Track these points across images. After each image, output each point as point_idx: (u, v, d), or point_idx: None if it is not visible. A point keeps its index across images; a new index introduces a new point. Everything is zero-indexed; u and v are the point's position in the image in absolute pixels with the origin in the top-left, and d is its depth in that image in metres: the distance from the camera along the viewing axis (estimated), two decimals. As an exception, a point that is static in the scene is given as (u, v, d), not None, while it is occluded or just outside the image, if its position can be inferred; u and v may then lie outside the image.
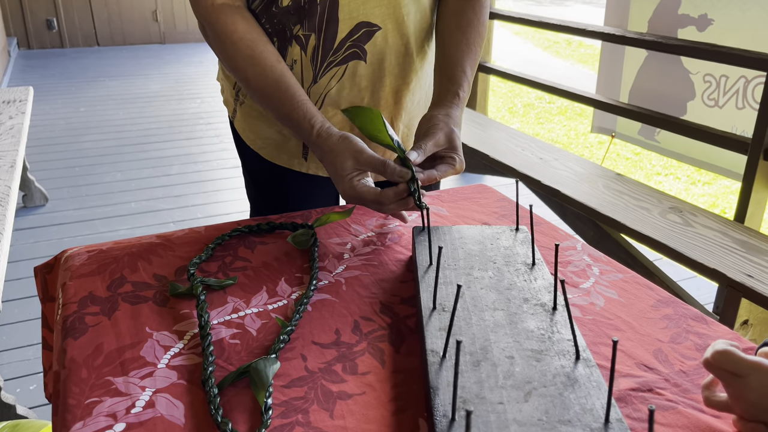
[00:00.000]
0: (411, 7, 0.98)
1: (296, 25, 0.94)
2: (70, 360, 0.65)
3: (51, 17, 6.56)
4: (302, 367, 0.65)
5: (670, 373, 0.66)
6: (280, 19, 0.95)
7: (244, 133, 1.12)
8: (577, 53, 7.95)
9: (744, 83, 2.19)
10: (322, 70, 0.98)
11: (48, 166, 3.51)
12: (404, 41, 1.00)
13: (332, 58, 0.97)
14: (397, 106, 1.07)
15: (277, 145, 1.09)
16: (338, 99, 1.01)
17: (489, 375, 0.59)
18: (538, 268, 0.79)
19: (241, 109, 1.10)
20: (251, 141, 1.11)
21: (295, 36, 0.96)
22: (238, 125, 1.12)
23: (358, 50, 0.97)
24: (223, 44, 0.92)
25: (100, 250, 0.88)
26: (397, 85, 1.04)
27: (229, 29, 0.91)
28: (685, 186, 3.88)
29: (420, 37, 1.03)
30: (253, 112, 1.08)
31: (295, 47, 0.97)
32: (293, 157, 1.09)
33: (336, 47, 0.96)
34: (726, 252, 1.72)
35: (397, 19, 0.97)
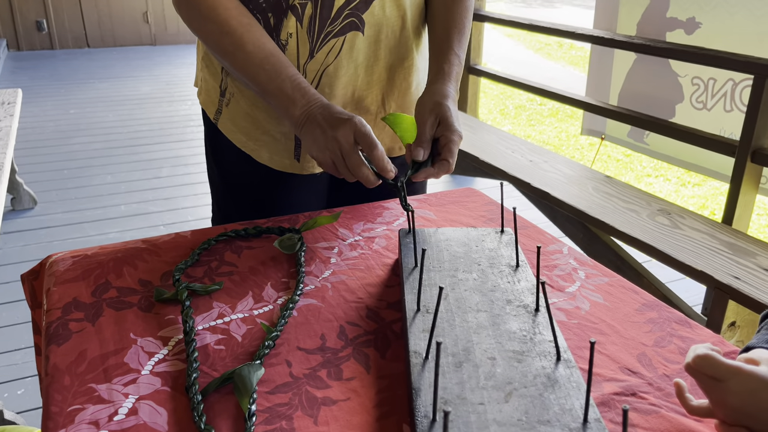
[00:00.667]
0: None
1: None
2: (53, 367, 0.65)
3: (41, 18, 6.52)
4: (287, 373, 0.65)
5: (653, 377, 0.66)
6: None
7: (233, 135, 1.08)
8: (569, 55, 7.99)
9: (732, 86, 2.20)
10: (320, 43, 0.96)
11: (37, 169, 3.49)
12: (401, 13, 1.00)
13: (330, 28, 0.95)
14: (390, 83, 1.05)
15: (268, 145, 1.07)
16: (335, 77, 0.99)
17: (470, 376, 0.59)
18: (521, 270, 0.79)
19: (228, 109, 1.07)
20: (242, 143, 1.07)
21: (291, 6, 0.93)
22: (224, 126, 1.09)
23: (356, 20, 0.96)
24: (216, 10, 0.89)
25: (85, 255, 0.87)
26: (392, 61, 1.03)
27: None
28: (675, 187, 3.91)
29: (415, 14, 1.02)
30: (241, 112, 1.05)
31: (291, 19, 0.94)
32: (285, 157, 1.07)
33: (333, 15, 0.94)
34: (713, 254, 1.73)
35: None
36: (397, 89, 1.07)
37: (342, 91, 1.01)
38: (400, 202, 0.88)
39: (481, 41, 3.35)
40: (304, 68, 0.98)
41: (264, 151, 1.07)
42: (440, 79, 0.96)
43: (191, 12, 0.92)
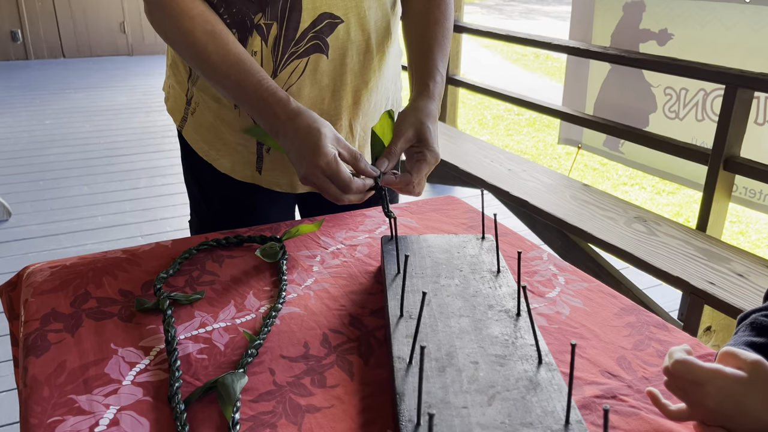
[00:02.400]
0: (372, 2, 0.98)
1: (257, 13, 0.93)
2: (32, 378, 0.64)
3: (15, 29, 6.44)
4: (270, 381, 0.65)
5: (633, 380, 0.67)
6: (240, 8, 0.92)
7: (196, 144, 1.08)
8: (545, 66, 8.10)
9: (703, 96, 2.26)
10: (283, 62, 0.96)
11: (11, 180, 3.44)
12: (365, 37, 1.00)
13: (294, 48, 0.95)
14: (356, 107, 1.05)
15: (230, 156, 1.06)
16: (298, 96, 0.99)
17: (454, 380, 0.59)
18: (503, 276, 0.80)
19: (193, 118, 1.06)
20: (204, 152, 1.07)
21: (257, 25, 0.93)
22: (188, 135, 1.08)
23: (320, 42, 0.96)
24: (180, 19, 0.88)
25: (64, 265, 0.86)
26: (358, 84, 1.03)
27: (188, 5, 0.88)
28: (651, 196, 3.97)
29: (380, 36, 1.03)
30: (205, 123, 1.05)
31: (256, 37, 0.94)
32: (246, 168, 1.07)
33: (298, 38, 0.95)
34: (689, 260, 1.76)
35: (359, 14, 0.97)
36: (362, 112, 1.07)
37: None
38: (382, 210, 0.89)
39: (459, 52, 3.39)
40: None
41: (225, 161, 1.07)
42: (426, 97, 0.97)
43: (161, 21, 0.91)
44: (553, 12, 14.20)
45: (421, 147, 0.93)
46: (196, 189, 1.16)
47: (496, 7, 15.12)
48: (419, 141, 0.93)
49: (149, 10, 0.92)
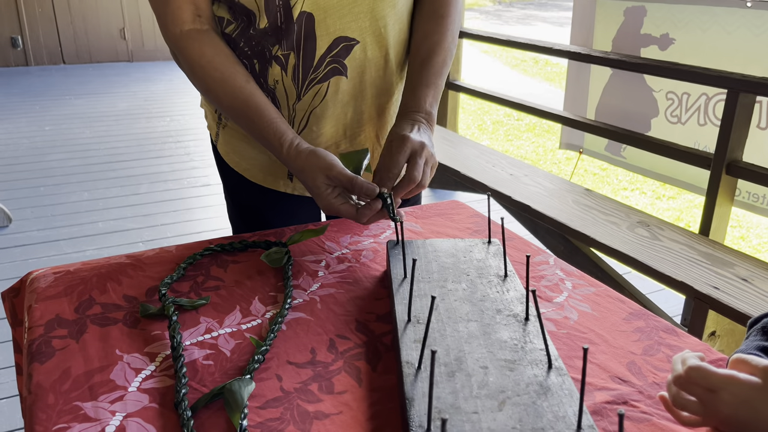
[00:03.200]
0: (389, 19, 0.98)
1: (275, 45, 0.94)
2: (36, 385, 0.63)
3: (15, 35, 6.45)
4: (277, 388, 0.64)
5: (643, 386, 0.66)
6: (259, 41, 0.94)
7: (228, 156, 1.11)
8: (544, 71, 8.11)
9: (705, 100, 2.26)
10: (305, 89, 0.98)
11: (12, 186, 3.43)
12: (383, 53, 1.00)
13: (313, 75, 0.97)
14: (381, 120, 1.07)
15: (261, 166, 1.08)
16: (323, 116, 1.01)
17: (463, 385, 0.59)
18: (510, 280, 0.79)
19: (224, 132, 1.09)
20: (235, 163, 1.10)
21: (275, 56, 0.95)
22: (221, 148, 1.12)
23: (338, 65, 0.97)
24: (193, 68, 0.93)
25: (68, 271, 0.85)
26: (380, 98, 1.04)
27: (197, 53, 0.92)
28: (651, 200, 3.97)
29: (399, 50, 1.03)
30: (237, 135, 1.08)
31: (276, 68, 0.96)
32: (278, 178, 1.09)
33: (316, 64, 0.96)
34: (692, 265, 1.75)
35: (375, 32, 0.97)
36: (388, 123, 1.08)
37: (330, 130, 1.03)
38: (387, 214, 0.88)
39: (459, 57, 3.39)
40: (293, 107, 1.00)
41: (257, 171, 1.09)
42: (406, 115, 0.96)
43: (180, 66, 0.97)
44: (551, 18, 14.25)
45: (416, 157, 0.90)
46: (230, 202, 1.19)
47: (495, 13, 15.18)
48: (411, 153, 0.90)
49: (171, 52, 0.97)
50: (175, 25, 0.91)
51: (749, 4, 2.11)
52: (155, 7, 0.93)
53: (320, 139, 1.03)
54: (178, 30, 0.91)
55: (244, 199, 1.15)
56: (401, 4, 0.99)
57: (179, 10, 0.90)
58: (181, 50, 0.93)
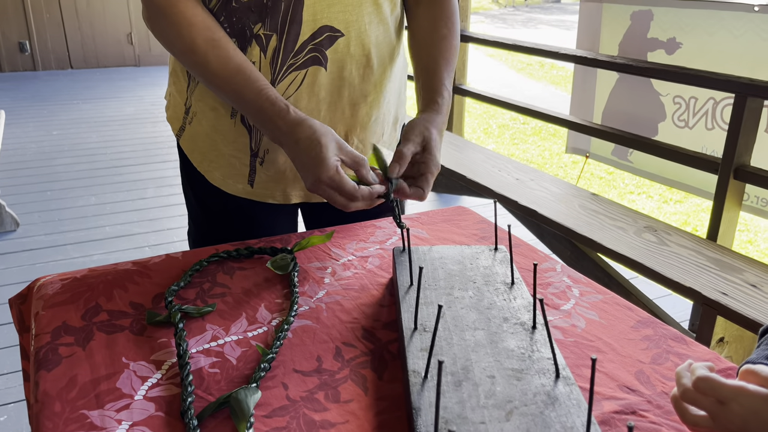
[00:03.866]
0: (373, 17, 0.98)
1: (257, 23, 0.92)
2: (43, 393, 0.63)
3: (23, 40, 6.49)
4: (284, 396, 0.64)
5: (652, 395, 0.66)
6: (240, 17, 0.92)
7: (191, 154, 1.07)
8: (550, 75, 8.11)
9: (713, 105, 2.25)
10: (281, 74, 0.96)
11: (19, 191, 3.45)
12: (365, 52, 0.99)
13: (292, 60, 0.95)
14: (354, 119, 1.05)
15: (222, 169, 1.05)
16: (296, 107, 0.97)
17: (470, 395, 0.58)
18: (517, 288, 0.79)
19: (190, 127, 1.06)
20: (198, 162, 1.07)
21: (256, 35, 0.93)
22: (185, 145, 1.08)
23: (319, 55, 0.95)
24: (180, 26, 0.88)
25: (75, 278, 0.86)
26: (356, 97, 1.02)
27: (189, 12, 0.88)
28: (658, 204, 3.95)
29: (381, 52, 1.02)
30: (202, 133, 1.05)
31: (255, 47, 0.94)
32: (237, 182, 1.06)
33: (297, 49, 0.94)
34: (700, 270, 1.74)
35: (359, 28, 0.96)
36: (359, 124, 1.06)
37: None
38: (393, 221, 0.88)
39: (465, 61, 3.39)
40: None
41: (217, 173, 1.06)
42: (433, 111, 0.96)
43: (160, 29, 0.91)
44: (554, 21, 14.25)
45: (425, 156, 0.92)
46: (193, 199, 1.14)
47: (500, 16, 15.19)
48: (424, 149, 0.92)
49: (148, 17, 0.92)
50: None
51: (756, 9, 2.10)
52: None
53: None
54: None
55: (208, 199, 1.11)
56: (386, 7, 0.99)
57: None
58: (170, 7, 0.87)
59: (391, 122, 1.12)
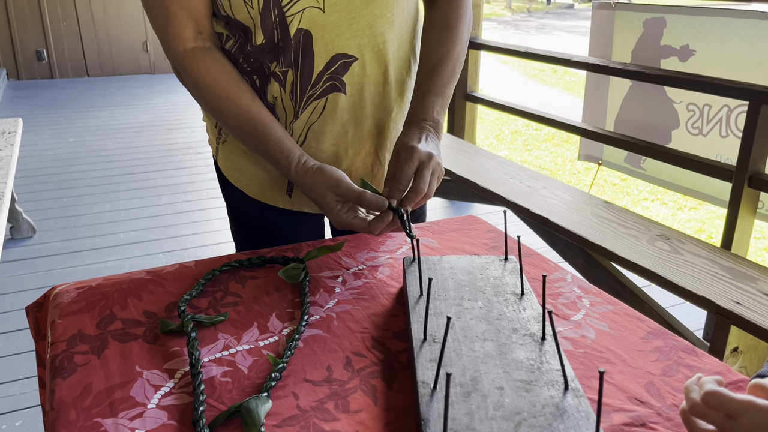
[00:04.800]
0: (388, 35, 0.98)
1: (273, 62, 0.95)
2: (59, 401, 0.64)
3: (41, 48, 6.59)
4: (294, 406, 0.64)
5: (662, 407, 0.66)
6: (257, 57, 0.95)
7: (228, 172, 1.11)
8: (563, 81, 8.08)
9: (727, 112, 2.23)
10: (303, 105, 0.99)
11: (36, 198, 3.50)
12: (382, 70, 1.00)
13: (311, 92, 0.97)
14: (381, 137, 1.07)
15: (261, 182, 1.09)
16: (321, 133, 1.01)
17: (479, 406, 0.59)
18: (527, 298, 0.79)
19: (223, 147, 1.10)
20: (235, 179, 1.11)
21: (273, 73, 0.96)
22: (221, 164, 1.12)
23: (336, 82, 0.97)
24: (198, 87, 0.94)
25: (90, 286, 0.87)
26: (380, 115, 1.04)
27: (202, 72, 0.92)
28: (672, 211, 3.92)
29: (399, 67, 1.03)
30: (236, 150, 1.08)
31: (274, 84, 0.97)
32: (277, 194, 1.09)
33: (314, 81, 0.96)
34: (714, 279, 1.73)
35: (374, 49, 0.97)
36: (387, 139, 1.08)
37: (331, 147, 1.03)
38: (399, 224, 0.89)
39: (477, 68, 3.40)
40: (291, 126, 1.01)
41: (256, 187, 1.09)
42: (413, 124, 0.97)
43: (184, 84, 0.98)
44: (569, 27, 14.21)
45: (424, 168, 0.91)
46: (231, 215, 1.19)
47: (513, 22, 15.17)
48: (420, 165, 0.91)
49: (174, 70, 0.98)
50: (178, 43, 0.92)
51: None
52: (156, 26, 0.93)
53: (320, 156, 1.03)
54: (182, 48, 0.92)
55: (245, 214, 1.15)
56: (400, 21, 0.99)
57: (181, 28, 0.91)
58: (186, 69, 0.93)
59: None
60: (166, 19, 0.91)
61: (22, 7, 6.41)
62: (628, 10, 2.54)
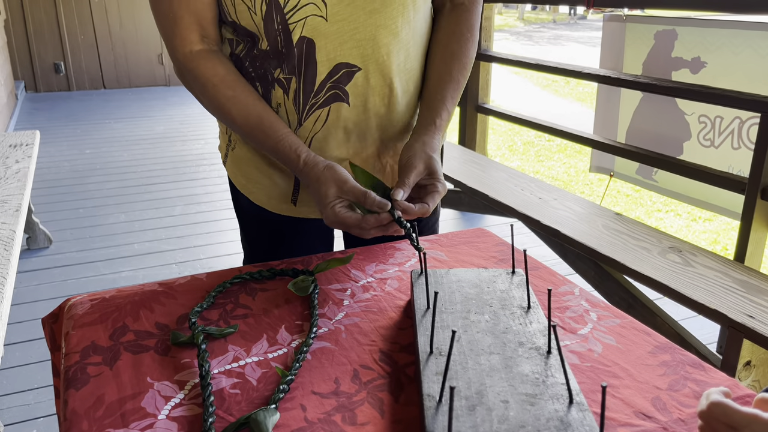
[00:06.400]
0: (392, 47, 0.98)
1: (277, 68, 0.97)
2: (71, 412, 0.66)
3: (58, 61, 6.70)
4: (302, 418, 0.65)
5: (668, 422, 0.66)
6: (262, 63, 0.97)
7: (235, 178, 1.13)
8: (576, 92, 8.07)
9: (739, 124, 2.22)
10: (306, 113, 1.00)
11: (52, 208, 3.55)
12: (387, 82, 1.00)
13: (314, 100, 0.99)
14: (384, 146, 1.08)
15: (266, 190, 1.10)
16: (325, 143, 1.03)
17: (484, 419, 0.59)
18: (533, 312, 0.80)
19: (232, 153, 1.12)
20: (242, 186, 1.13)
21: (277, 79, 0.98)
22: (229, 169, 1.14)
23: (339, 92, 0.99)
24: (205, 87, 0.96)
25: (103, 298, 0.89)
26: (384, 125, 1.05)
27: (210, 72, 0.95)
28: (686, 222, 3.89)
29: (406, 79, 1.03)
30: (244, 158, 1.10)
31: (278, 90, 0.99)
32: (282, 202, 1.10)
33: (317, 89, 0.98)
34: (727, 292, 1.72)
35: (377, 60, 0.98)
36: (392, 149, 1.09)
37: (334, 155, 1.04)
38: (411, 243, 0.90)
39: (489, 80, 3.41)
40: (296, 133, 1.02)
41: (262, 195, 1.11)
42: (431, 132, 0.99)
43: (188, 87, 1.00)
44: (582, 38, 14.20)
45: (432, 179, 0.95)
46: (242, 225, 1.22)
47: (526, 33, 15.19)
48: (429, 174, 0.95)
49: (177, 72, 0.99)
50: (185, 45, 0.95)
51: (783, 27, 2.08)
52: (163, 29, 0.96)
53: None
54: (188, 50, 0.95)
55: (252, 220, 1.17)
56: (405, 33, 0.99)
57: (187, 31, 0.94)
58: (193, 69, 0.96)
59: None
60: (173, 22, 0.94)
61: (41, 21, 6.54)
62: (639, 23, 2.54)
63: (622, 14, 2.63)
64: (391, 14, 0.96)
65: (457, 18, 1.05)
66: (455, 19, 1.05)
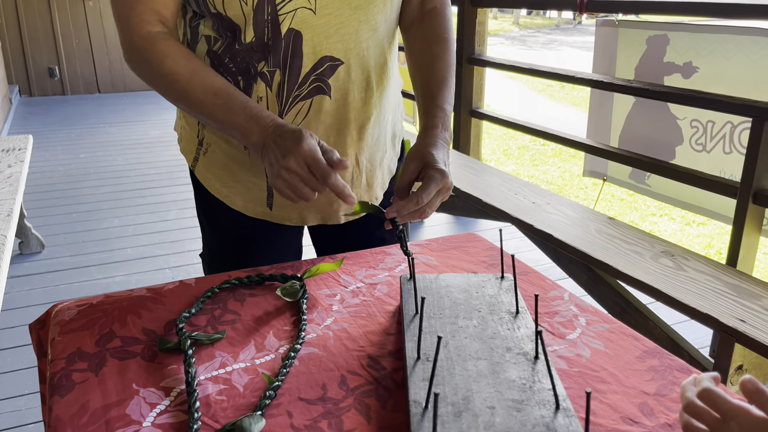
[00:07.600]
0: (371, 42, 1.01)
1: (260, 61, 0.97)
2: (55, 419, 0.65)
3: (53, 65, 6.69)
4: (288, 425, 0.65)
5: (654, 427, 0.66)
6: (244, 57, 0.97)
7: (208, 182, 1.11)
8: (571, 96, 8.09)
9: (730, 128, 2.23)
10: (288, 106, 1.00)
11: (45, 213, 3.53)
12: (365, 76, 1.03)
13: (297, 92, 0.99)
14: (361, 142, 1.08)
15: (242, 194, 1.09)
16: None
17: (470, 426, 0.59)
18: (521, 317, 0.80)
19: (205, 157, 1.10)
20: (216, 190, 1.11)
21: (260, 73, 0.98)
22: (200, 174, 1.12)
23: (322, 84, 0.99)
24: (162, 63, 0.93)
25: (90, 304, 0.88)
26: (361, 120, 1.06)
27: (171, 49, 0.93)
28: (680, 227, 3.90)
29: (378, 72, 1.06)
30: (218, 163, 1.09)
31: (260, 84, 0.98)
32: (257, 205, 1.10)
33: (300, 81, 0.98)
34: (718, 296, 1.72)
35: (359, 54, 1.00)
36: (367, 145, 1.09)
37: None
38: (401, 248, 0.90)
39: (482, 85, 3.41)
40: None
41: (238, 199, 1.10)
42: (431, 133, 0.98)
43: (142, 67, 0.96)
44: (576, 42, 14.25)
45: (426, 169, 0.93)
46: (207, 225, 1.20)
47: (520, 38, 15.24)
48: (424, 166, 0.93)
49: (129, 59, 0.97)
50: (142, 26, 0.93)
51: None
52: (119, 11, 0.94)
53: None
54: (146, 30, 0.93)
55: (224, 224, 1.15)
56: (382, 30, 1.02)
57: (145, 14, 0.93)
58: (151, 46, 0.93)
59: (389, 138, 1.16)
60: (130, 5, 0.92)
61: (35, 25, 6.52)
62: (632, 27, 2.55)
63: (614, 19, 2.64)
64: (373, 11, 0.98)
65: (431, 23, 1.08)
66: (429, 24, 1.08)
